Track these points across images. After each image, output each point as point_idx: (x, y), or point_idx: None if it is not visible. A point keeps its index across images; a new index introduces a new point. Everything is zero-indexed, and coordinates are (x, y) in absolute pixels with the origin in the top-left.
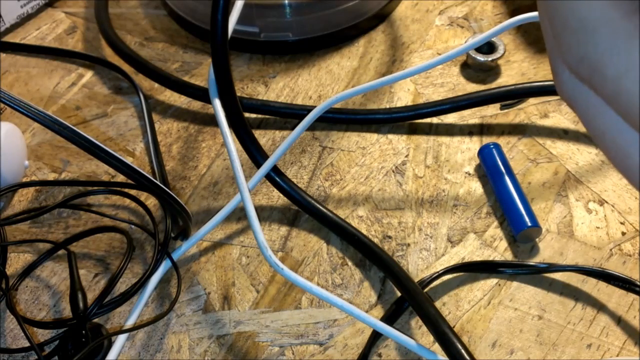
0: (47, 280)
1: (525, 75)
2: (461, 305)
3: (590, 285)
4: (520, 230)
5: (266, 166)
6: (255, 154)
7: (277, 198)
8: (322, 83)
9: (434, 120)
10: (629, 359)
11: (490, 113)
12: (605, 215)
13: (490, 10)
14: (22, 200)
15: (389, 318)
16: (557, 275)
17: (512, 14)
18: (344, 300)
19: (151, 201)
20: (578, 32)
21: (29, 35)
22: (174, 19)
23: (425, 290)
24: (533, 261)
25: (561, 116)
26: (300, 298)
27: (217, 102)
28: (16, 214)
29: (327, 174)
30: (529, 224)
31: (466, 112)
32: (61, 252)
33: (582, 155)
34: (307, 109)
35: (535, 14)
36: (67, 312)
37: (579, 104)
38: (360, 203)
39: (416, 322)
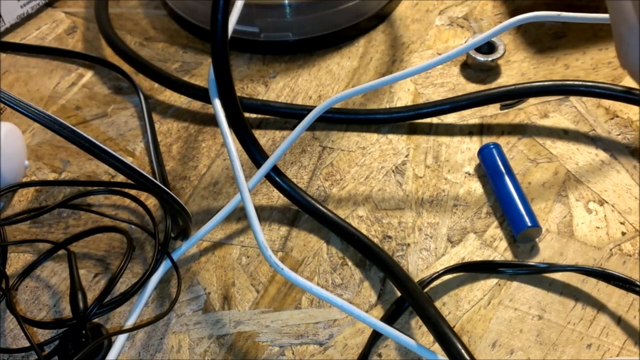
0: (47, 280)
1: (525, 75)
2: (461, 305)
3: (590, 285)
4: (520, 230)
5: (266, 166)
6: (255, 154)
7: (277, 198)
8: (322, 83)
9: (434, 120)
10: (629, 359)
11: (490, 113)
12: (605, 215)
13: (490, 10)
14: (22, 200)
15: (389, 318)
16: (557, 275)
17: (512, 14)
18: (344, 300)
19: (151, 201)
20: None
21: (29, 35)
22: (174, 19)
23: (425, 290)
24: (533, 261)
25: (561, 116)
26: (300, 298)
27: (217, 102)
28: (16, 214)
29: (327, 174)
30: (529, 224)
31: (466, 112)
32: (61, 252)
33: (582, 155)
34: (307, 109)
35: (535, 14)
36: (67, 312)
37: None
38: (360, 203)
39: (416, 322)
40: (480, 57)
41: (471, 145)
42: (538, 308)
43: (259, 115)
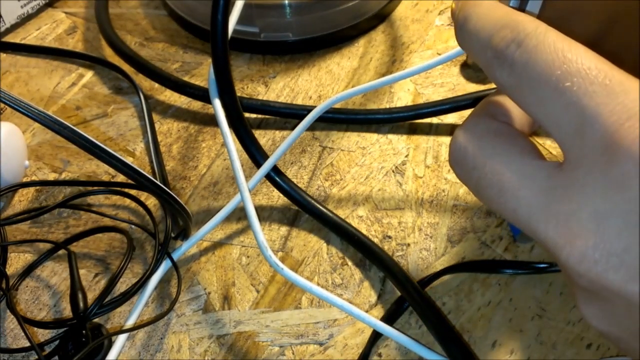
0: (47, 280)
1: None
2: (461, 305)
3: None
4: (520, 230)
5: (266, 166)
6: (255, 154)
7: (277, 198)
8: (322, 83)
9: (434, 120)
10: (628, 359)
11: None
12: None
13: None
14: (22, 200)
15: (389, 318)
16: (557, 275)
17: None
18: (344, 300)
19: (151, 201)
20: None
21: (29, 35)
22: (174, 19)
23: (425, 290)
24: (533, 261)
25: None
26: (300, 298)
27: (217, 102)
28: (16, 214)
29: (327, 174)
30: None
31: (466, 112)
32: (61, 252)
33: None
34: (307, 109)
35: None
36: (67, 312)
37: None
38: (360, 203)
39: (416, 322)
40: None
41: None
42: (538, 308)
43: (259, 115)
